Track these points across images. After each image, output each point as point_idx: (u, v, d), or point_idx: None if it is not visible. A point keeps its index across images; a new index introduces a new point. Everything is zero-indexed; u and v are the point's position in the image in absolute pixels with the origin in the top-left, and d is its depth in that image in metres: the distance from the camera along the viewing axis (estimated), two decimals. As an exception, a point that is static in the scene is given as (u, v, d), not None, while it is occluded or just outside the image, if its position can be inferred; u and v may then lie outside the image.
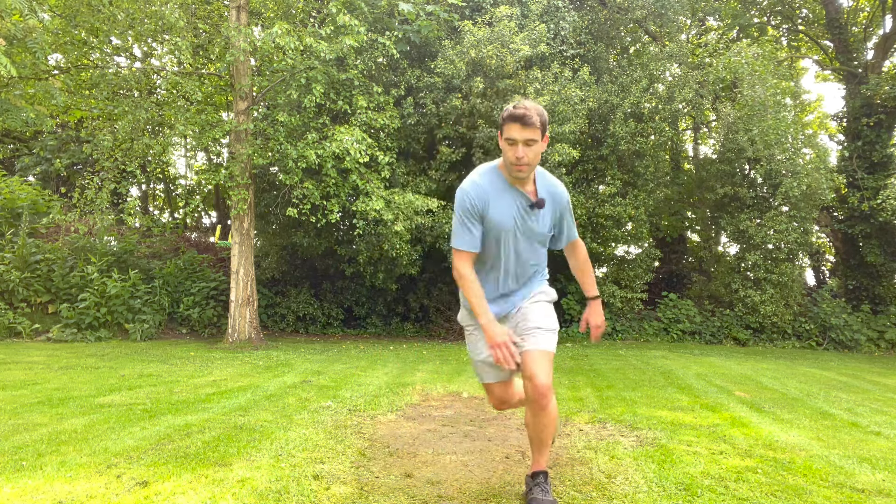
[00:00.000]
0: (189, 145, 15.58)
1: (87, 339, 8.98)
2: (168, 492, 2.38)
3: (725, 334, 11.95)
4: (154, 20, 8.75)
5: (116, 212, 11.30)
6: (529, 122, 2.19)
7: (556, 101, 9.89)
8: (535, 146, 2.23)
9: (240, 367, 6.39)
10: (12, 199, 10.91)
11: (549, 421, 2.31)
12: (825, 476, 2.79)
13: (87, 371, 5.81)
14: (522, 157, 2.22)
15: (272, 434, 3.33)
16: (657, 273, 13.52)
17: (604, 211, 10.87)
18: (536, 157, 2.26)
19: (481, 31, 9.89)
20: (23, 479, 2.50)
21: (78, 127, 12.44)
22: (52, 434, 3.25)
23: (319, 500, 2.34)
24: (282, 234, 11.60)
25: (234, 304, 9.05)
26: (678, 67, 12.45)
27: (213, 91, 10.78)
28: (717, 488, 2.57)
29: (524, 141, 2.21)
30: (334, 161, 8.43)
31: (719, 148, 12.96)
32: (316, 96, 8.27)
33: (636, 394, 5.03)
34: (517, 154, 2.22)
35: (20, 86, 8.57)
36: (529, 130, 2.20)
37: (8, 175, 12.37)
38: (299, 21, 9.95)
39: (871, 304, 12.59)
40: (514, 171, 2.27)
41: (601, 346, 10.34)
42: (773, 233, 11.63)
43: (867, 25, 14.65)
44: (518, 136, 2.21)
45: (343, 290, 12.26)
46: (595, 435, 3.52)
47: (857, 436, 3.71)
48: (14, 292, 9.40)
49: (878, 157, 12.53)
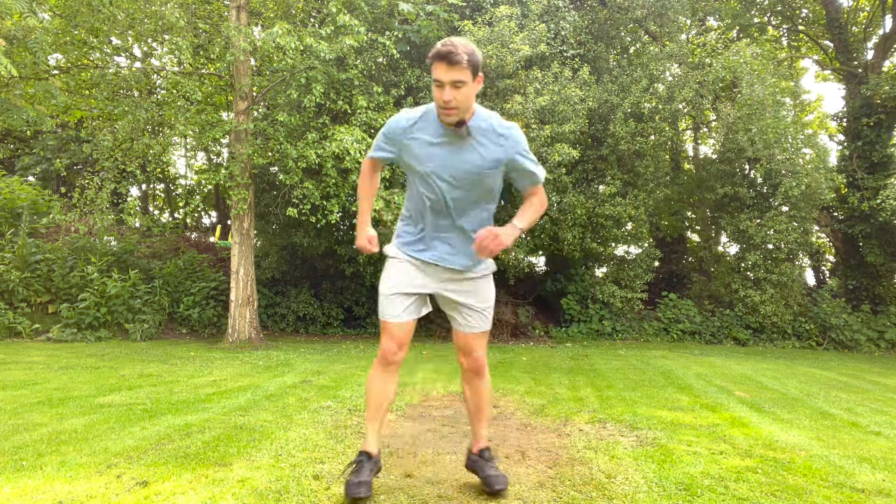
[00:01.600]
0: (189, 145, 15.58)
1: (87, 339, 8.97)
2: (168, 492, 2.38)
3: (725, 334, 11.95)
4: (154, 20, 8.74)
5: (116, 212, 11.29)
6: (455, 59, 2.02)
7: (556, 101, 9.90)
8: (464, 88, 2.06)
9: (240, 367, 6.39)
10: (12, 199, 10.91)
11: (486, 388, 2.52)
12: (825, 476, 2.79)
13: (87, 371, 5.81)
14: (450, 101, 2.05)
15: (272, 434, 3.33)
16: (657, 273, 13.52)
17: (604, 211, 10.87)
18: (467, 99, 2.08)
19: (481, 31, 9.89)
20: (23, 479, 2.49)
21: (78, 127, 12.43)
22: (52, 434, 3.25)
23: (319, 500, 2.34)
24: (282, 234, 11.60)
25: (234, 304, 9.05)
26: (678, 67, 12.45)
27: (213, 91, 10.78)
28: (717, 488, 2.57)
29: (451, 82, 2.04)
30: (334, 161, 8.43)
31: (719, 148, 12.96)
32: (316, 96, 8.26)
33: (636, 394, 5.03)
34: (444, 97, 2.06)
35: (20, 86, 8.57)
36: (456, 70, 2.03)
37: (8, 175, 12.38)
38: (299, 21, 9.95)
39: (871, 304, 12.58)
40: (443, 116, 2.11)
41: (601, 346, 10.34)
42: (773, 233, 11.63)
43: (867, 25, 14.65)
44: (444, 76, 2.03)
45: (343, 290, 12.26)
46: (595, 435, 3.52)
47: (857, 436, 3.71)
48: (14, 292, 9.40)
49: (878, 157, 12.53)
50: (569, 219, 10.39)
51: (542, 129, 9.58)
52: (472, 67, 2.06)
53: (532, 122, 9.64)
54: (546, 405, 4.42)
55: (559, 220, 10.38)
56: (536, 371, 6.51)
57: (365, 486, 2.25)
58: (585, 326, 11.80)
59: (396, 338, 2.37)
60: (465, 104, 2.09)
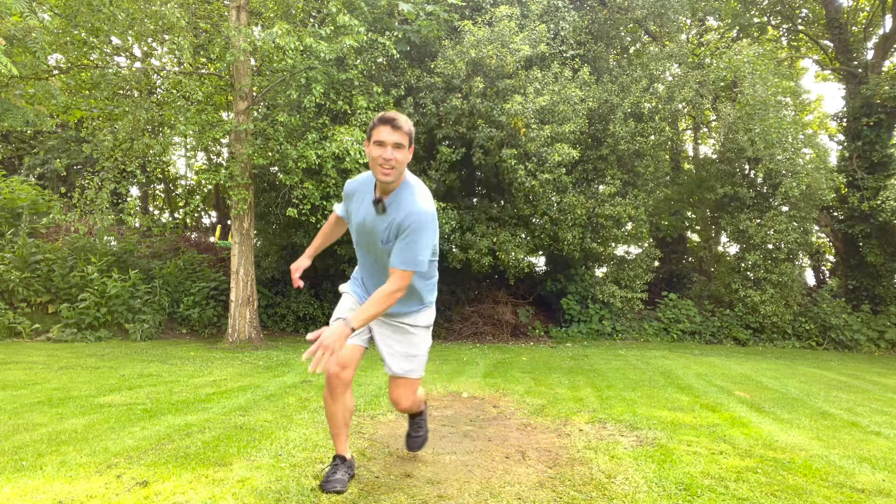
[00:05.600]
0: (189, 145, 15.56)
1: (87, 339, 8.97)
2: (168, 492, 2.38)
3: (725, 334, 11.95)
4: (154, 20, 8.74)
5: (116, 212, 11.30)
6: (398, 125, 2.28)
7: (556, 101, 9.89)
8: (403, 151, 2.29)
9: (240, 367, 6.39)
10: (12, 199, 10.90)
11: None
12: (825, 476, 2.79)
13: (87, 371, 5.81)
14: (391, 159, 2.26)
15: (272, 434, 3.33)
16: (657, 273, 13.52)
17: (604, 211, 10.87)
18: (402, 163, 2.30)
19: (481, 31, 9.89)
20: (23, 479, 2.50)
21: (78, 127, 12.43)
22: (52, 434, 3.25)
23: (319, 500, 2.34)
24: (282, 234, 11.59)
25: (234, 304, 9.05)
26: (678, 67, 12.45)
27: (213, 91, 10.76)
28: (717, 488, 2.57)
29: (393, 144, 2.27)
30: (334, 161, 8.43)
31: (719, 148, 12.96)
32: (316, 96, 8.27)
33: (636, 394, 5.03)
34: (385, 155, 2.26)
35: (20, 86, 8.56)
36: (398, 134, 2.27)
37: (8, 175, 12.38)
38: (299, 21, 9.95)
39: (871, 304, 12.58)
40: (381, 174, 2.29)
41: (601, 346, 10.34)
42: (773, 233, 11.63)
43: (867, 25, 14.65)
44: (387, 138, 2.27)
45: (343, 290, 12.24)
46: (595, 435, 3.52)
47: (857, 436, 3.71)
48: (14, 292, 9.40)
49: (878, 157, 12.53)
50: (569, 219, 10.39)
51: (542, 129, 9.58)
52: (409, 135, 2.32)
53: (532, 122, 9.64)
54: (546, 405, 4.42)
55: (559, 220, 10.38)
56: (536, 371, 6.51)
57: (340, 483, 2.47)
58: (585, 326, 11.80)
59: (341, 360, 2.51)
60: (400, 167, 2.31)
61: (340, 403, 2.53)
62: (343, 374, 2.51)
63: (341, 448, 2.60)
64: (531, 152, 9.69)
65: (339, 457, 2.58)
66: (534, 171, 9.69)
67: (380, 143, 2.27)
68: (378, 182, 2.34)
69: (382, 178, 2.29)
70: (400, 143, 2.28)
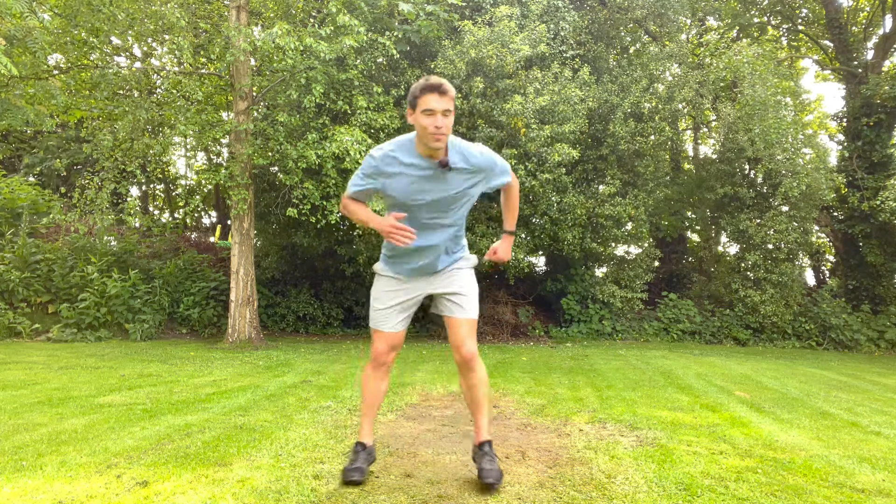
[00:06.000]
0: (189, 145, 15.56)
1: (87, 339, 8.98)
2: (168, 492, 2.38)
3: (725, 334, 11.95)
4: (154, 20, 8.74)
5: (116, 212, 11.29)
6: (444, 90, 2.26)
7: (556, 101, 9.89)
8: (451, 116, 2.30)
9: (240, 367, 6.39)
10: (12, 199, 10.91)
11: (481, 383, 2.59)
12: (825, 476, 2.79)
13: (87, 371, 5.81)
14: (441, 127, 2.25)
15: (272, 434, 3.33)
16: (657, 273, 13.52)
17: (604, 211, 10.87)
18: (450, 128, 2.32)
19: (481, 31, 9.89)
20: (23, 479, 2.49)
21: (78, 127, 12.43)
22: (52, 434, 3.25)
23: (319, 500, 2.34)
24: (282, 234, 11.60)
25: (234, 304, 9.05)
26: (678, 67, 12.44)
27: (213, 91, 10.77)
28: (717, 488, 2.57)
29: (442, 111, 2.26)
30: (334, 161, 8.43)
31: (719, 148, 12.96)
32: (316, 96, 8.27)
33: (636, 394, 5.03)
34: (436, 123, 2.25)
35: (20, 86, 8.56)
36: (446, 99, 2.27)
37: (8, 175, 12.38)
38: (299, 21, 9.95)
39: (871, 304, 12.58)
40: (433, 142, 2.29)
41: (601, 346, 10.34)
42: (773, 233, 11.63)
43: (867, 25, 14.65)
44: (436, 105, 2.25)
45: (343, 290, 12.26)
46: (595, 435, 3.52)
47: (857, 436, 3.71)
48: (14, 292, 9.40)
49: (878, 157, 12.53)
50: (569, 219, 10.39)
51: (542, 129, 9.58)
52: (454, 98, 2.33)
53: (532, 122, 9.64)
54: (546, 405, 4.42)
55: (559, 220, 10.38)
56: (536, 371, 6.51)
57: (358, 472, 2.49)
58: (585, 326, 11.80)
59: (389, 342, 2.64)
60: (449, 132, 2.33)
61: (381, 382, 2.64)
62: (391, 354, 2.64)
63: (365, 433, 2.64)
64: (531, 152, 9.69)
65: (360, 444, 2.62)
66: (534, 171, 9.69)
67: (429, 111, 2.26)
68: (429, 148, 2.32)
69: (435, 144, 2.29)
70: (448, 109, 2.28)
